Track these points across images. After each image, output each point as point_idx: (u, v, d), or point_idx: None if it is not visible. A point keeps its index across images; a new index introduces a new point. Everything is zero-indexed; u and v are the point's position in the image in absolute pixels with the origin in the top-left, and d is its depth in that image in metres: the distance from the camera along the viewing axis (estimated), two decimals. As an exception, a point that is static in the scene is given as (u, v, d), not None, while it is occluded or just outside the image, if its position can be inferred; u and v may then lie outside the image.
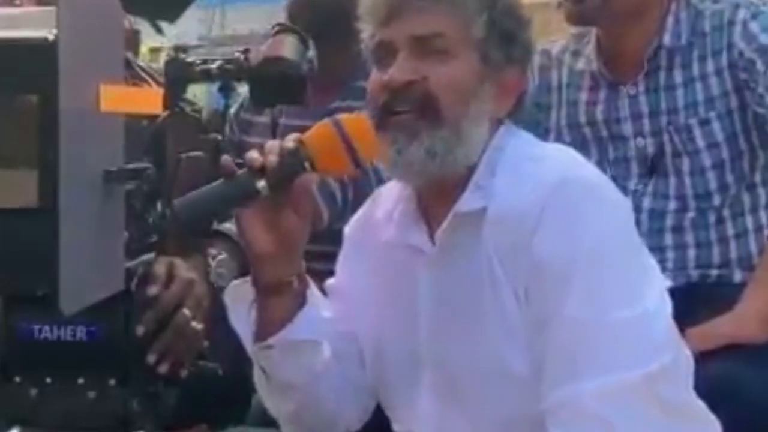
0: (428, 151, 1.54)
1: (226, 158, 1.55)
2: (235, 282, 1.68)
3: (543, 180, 1.51)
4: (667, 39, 2.22)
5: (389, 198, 1.72)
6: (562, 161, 1.57)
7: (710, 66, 2.20)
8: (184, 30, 2.32)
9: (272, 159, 1.51)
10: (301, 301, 1.62)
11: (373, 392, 1.75)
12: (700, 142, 2.21)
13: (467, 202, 1.57)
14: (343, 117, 1.55)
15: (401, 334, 1.68)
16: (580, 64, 2.34)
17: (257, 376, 1.72)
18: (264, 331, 1.63)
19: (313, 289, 1.65)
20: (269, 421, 1.94)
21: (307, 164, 1.53)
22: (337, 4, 2.27)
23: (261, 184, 1.51)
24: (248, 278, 1.64)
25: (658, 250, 2.23)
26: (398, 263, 1.68)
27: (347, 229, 1.81)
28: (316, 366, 1.67)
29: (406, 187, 1.67)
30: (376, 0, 1.59)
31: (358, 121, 1.55)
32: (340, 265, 1.79)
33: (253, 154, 1.52)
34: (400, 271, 1.67)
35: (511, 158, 1.58)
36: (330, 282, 1.79)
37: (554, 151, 1.64)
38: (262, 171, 1.51)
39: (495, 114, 1.60)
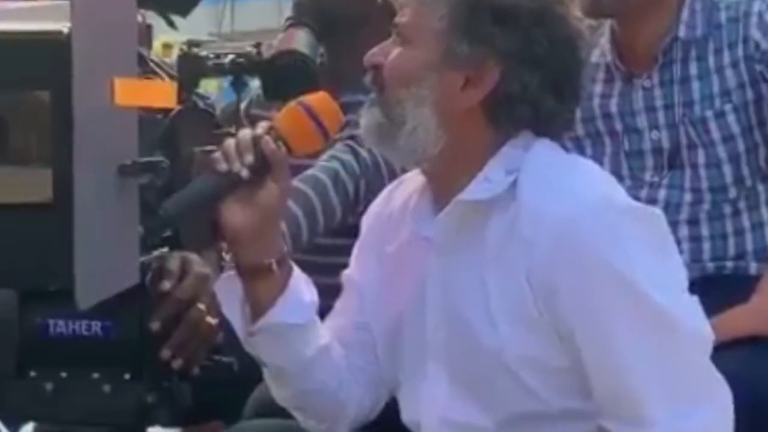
0: (376, 125, 1.64)
1: (211, 154, 1.61)
2: (225, 274, 1.69)
3: (581, 194, 1.55)
4: (682, 31, 2.21)
5: (407, 189, 1.74)
6: (599, 178, 1.63)
7: (726, 58, 2.19)
8: (194, 26, 2.32)
9: (249, 159, 1.58)
10: (282, 286, 1.64)
11: (388, 383, 1.76)
12: (716, 135, 2.20)
13: (472, 191, 1.60)
14: (305, 97, 1.66)
15: (410, 325, 1.70)
16: (595, 57, 2.33)
17: (263, 367, 1.73)
18: (251, 318, 1.65)
19: (297, 276, 1.67)
20: (263, 414, 1.95)
21: (281, 145, 1.61)
22: (344, 0, 2.27)
23: (243, 172, 1.58)
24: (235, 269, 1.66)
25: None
26: (412, 253, 1.69)
27: (365, 219, 1.83)
28: (306, 352, 1.67)
29: (420, 179, 1.70)
30: None
31: (320, 98, 1.66)
32: (356, 255, 1.80)
33: (230, 151, 1.58)
34: (414, 261, 1.69)
35: (538, 160, 1.60)
36: (345, 272, 1.80)
37: (578, 162, 1.69)
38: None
39: (452, 104, 1.61)
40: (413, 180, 1.73)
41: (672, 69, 2.22)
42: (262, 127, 1.63)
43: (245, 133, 1.61)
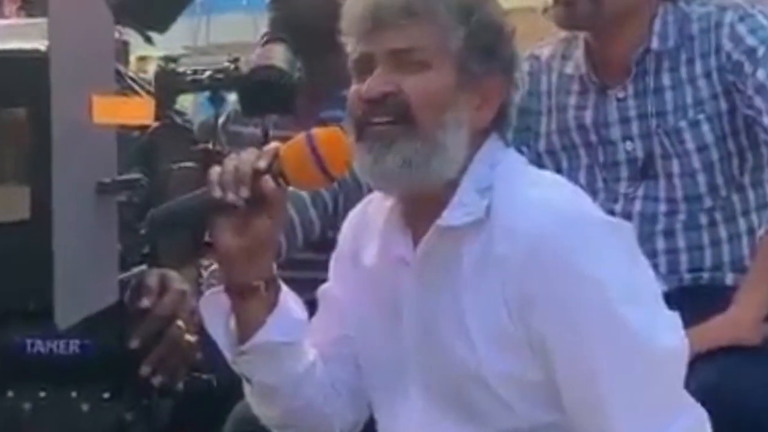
0: (404, 160, 1.57)
1: (212, 169, 1.57)
2: (210, 291, 1.68)
3: (553, 209, 1.55)
4: (654, 42, 2.23)
5: (378, 207, 1.73)
6: (568, 192, 1.63)
7: (699, 68, 2.21)
8: (169, 39, 2.31)
9: (245, 193, 1.54)
10: (272, 305, 1.63)
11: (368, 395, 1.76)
12: (690, 145, 2.22)
13: (450, 217, 1.60)
14: (316, 130, 1.58)
15: (385, 343, 1.70)
16: (569, 69, 2.34)
17: (244, 384, 1.72)
18: (240, 337, 1.63)
19: (285, 294, 1.66)
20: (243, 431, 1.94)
21: (281, 179, 1.56)
22: (321, 14, 2.27)
23: (238, 203, 1.54)
24: (223, 287, 1.64)
25: (650, 254, 2.23)
26: (384, 273, 1.69)
27: (342, 231, 1.82)
28: (297, 369, 1.67)
29: (389, 197, 1.69)
30: (357, 15, 1.62)
31: (330, 133, 1.58)
32: (333, 268, 1.80)
33: (227, 179, 1.54)
34: (386, 280, 1.69)
35: (506, 177, 1.61)
36: (322, 287, 1.80)
37: (548, 179, 1.69)
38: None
39: (474, 125, 1.62)
40: (384, 196, 1.72)
41: (645, 80, 2.24)
42: (266, 156, 1.56)
43: (245, 161, 1.56)
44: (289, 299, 1.66)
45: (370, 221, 1.75)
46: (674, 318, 1.58)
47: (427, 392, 1.65)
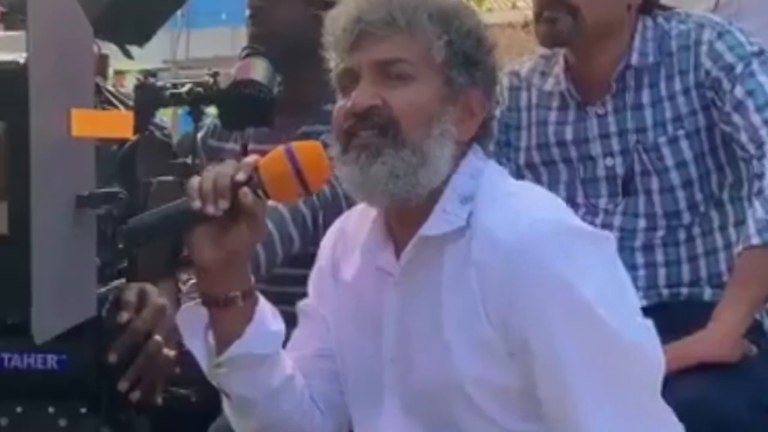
0: (391, 170, 1.57)
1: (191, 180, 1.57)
2: (187, 304, 1.68)
3: (534, 218, 1.56)
4: (634, 59, 2.24)
5: (358, 221, 1.74)
6: (548, 201, 1.64)
7: (678, 85, 2.22)
8: (148, 53, 2.31)
9: (224, 205, 1.53)
10: (249, 317, 1.62)
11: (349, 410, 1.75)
12: (669, 161, 2.23)
13: (433, 226, 1.60)
14: (296, 144, 1.58)
15: (365, 358, 1.70)
16: (548, 85, 2.35)
17: (222, 399, 1.71)
18: (217, 350, 1.63)
19: (263, 305, 1.65)
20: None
21: (260, 192, 1.56)
22: (300, 29, 2.27)
23: (217, 214, 1.53)
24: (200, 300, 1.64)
25: (629, 268, 2.23)
26: (366, 286, 1.69)
27: (321, 247, 1.82)
28: (274, 382, 1.67)
29: (370, 211, 1.69)
30: (339, 29, 1.63)
31: (310, 147, 1.57)
32: (314, 283, 1.80)
33: (206, 191, 1.53)
34: (368, 292, 1.69)
35: (488, 187, 1.62)
36: (302, 302, 1.80)
37: (529, 189, 1.71)
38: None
39: (459, 137, 1.63)
40: (364, 210, 1.72)
41: (625, 96, 2.25)
42: (245, 168, 1.55)
43: (224, 173, 1.55)
44: (267, 311, 1.65)
45: (349, 236, 1.75)
46: (651, 328, 1.59)
47: (405, 406, 1.65)
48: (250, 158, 1.59)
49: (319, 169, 1.57)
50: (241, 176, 1.54)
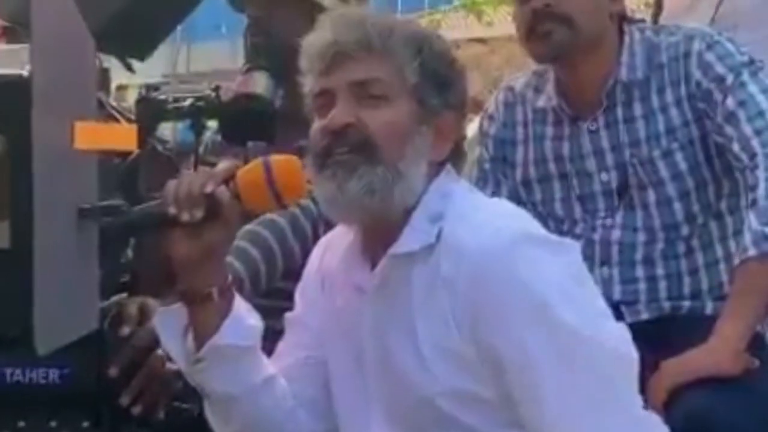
0: (368, 187, 1.60)
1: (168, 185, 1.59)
2: (164, 307, 1.68)
3: (498, 229, 1.58)
4: (623, 73, 2.24)
5: (342, 237, 1.76)
6: (512, 214, 1.66)
7: (669, 97, 2.22)
8: (149, 67, 2.31)
9: (198, 215, 1.56)
10: (226, 312, 1.65)
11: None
12: (664, 174, 2.23)
13: (404, 244, 1.63)
14: (274, 157, 1.61)
15: (350, 373, 1.72)
16: (541, 102, 2.35)
17: (204, 402, 1.73)
18: (196, 347, 1.65)
19: (239, 301, 1.67)
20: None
21: (236, 202, 1.59)
22: (300, 39, 2.27)
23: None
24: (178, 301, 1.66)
25: (630, 282, 2.24)
26: (347, 302, 1.72)
27: (307, 266, 1.85)
28: (253, 377, 1.68)
29: (348, 228, 1.72)
30: (315, 52, 1.67)
31: (287, 161, 1.61)
32: (299, 295, 1.83)
33: (181, 199, 1.56)
34: (349, 310, 1.72)
35: (457, 205, 1.64)
36: (289, 314, 1.82)
37: (495, 203, 1.75)
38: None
39: (432, 158, 1.66)
40: (345, 228, 1.75)
41: (615, 111, 2.25)
42: (216, 178, 1.59)
43: (198, 183, 1.57)
44: (242, 306, 1.67)
45: (335, 249, 1.78)
46: (622, 329, 1.60)
47: (389, 421, 1.67)
48: (229, 165, 1.63)
49: (292, 182, 1.60)
50: (209, 188, 1.57)
